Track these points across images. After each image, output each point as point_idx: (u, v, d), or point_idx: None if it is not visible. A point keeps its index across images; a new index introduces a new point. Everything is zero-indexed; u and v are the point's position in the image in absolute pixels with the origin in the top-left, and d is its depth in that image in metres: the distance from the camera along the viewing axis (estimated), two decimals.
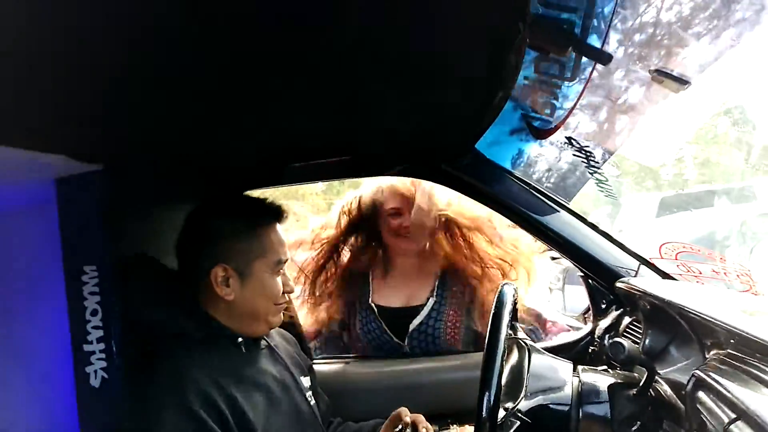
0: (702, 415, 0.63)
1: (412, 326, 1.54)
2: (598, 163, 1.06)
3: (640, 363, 0.83)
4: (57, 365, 1.11)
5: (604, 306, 1.36)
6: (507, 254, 1.49)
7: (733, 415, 0.55)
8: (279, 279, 1.07)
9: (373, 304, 1.58)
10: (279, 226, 1.09)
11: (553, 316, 1.63)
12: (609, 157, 1.05)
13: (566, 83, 0.83)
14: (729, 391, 0.58)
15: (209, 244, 1.05)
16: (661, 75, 0.75)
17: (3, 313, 1.17)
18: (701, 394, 0.66)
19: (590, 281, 1.36)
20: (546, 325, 1.58)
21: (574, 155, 1.07)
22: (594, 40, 0.67)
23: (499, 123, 1.10)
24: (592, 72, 0.80)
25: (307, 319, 1.64)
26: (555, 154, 1.14)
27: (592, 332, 1.37)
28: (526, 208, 1.27)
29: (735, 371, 0.64)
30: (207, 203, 1.11)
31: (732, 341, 0.69)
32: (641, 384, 0.87)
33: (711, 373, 0.66)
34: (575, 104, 0.89)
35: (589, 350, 1.35)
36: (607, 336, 1.30)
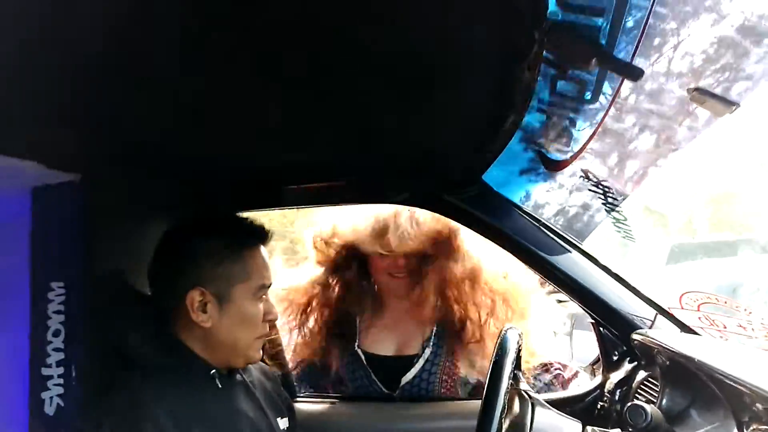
0: None
1: (404, 380, 1.41)
2: (616, 199, 0.97)
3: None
4: (11, 388, 1.02)
5: (616, 358, 1.24)
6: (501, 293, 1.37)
7: None
8: (261, 306, 0.99)
9: (359, 351, 1.44)
10: (263, 249, 1.01)
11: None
12: (630, 195, 0.96)
13: (586, 106, 0.75)
14: None
15: (186, 266, 0.97)
16: (703, 95, 0.66)
17: None
18: None
19: (601, 329, 1.25)
20: (561, 378, 1.44)
21: (590, 191, 0.98)
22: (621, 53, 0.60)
23: (507, 159, 1.03)
24: (616, 93, 0.72)
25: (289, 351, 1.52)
26: (568, 188, 1.06)
27: (601, 386, 1.25)
28: (535, 246, 1.18)
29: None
30: (186, 221, 1.03)
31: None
32: None
33: None
34: (595, 132, 0.81)
35: (598, 406, 1.23)
36: (618, 391, 1.19)
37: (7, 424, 1.03)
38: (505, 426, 0.82)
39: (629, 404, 0.69)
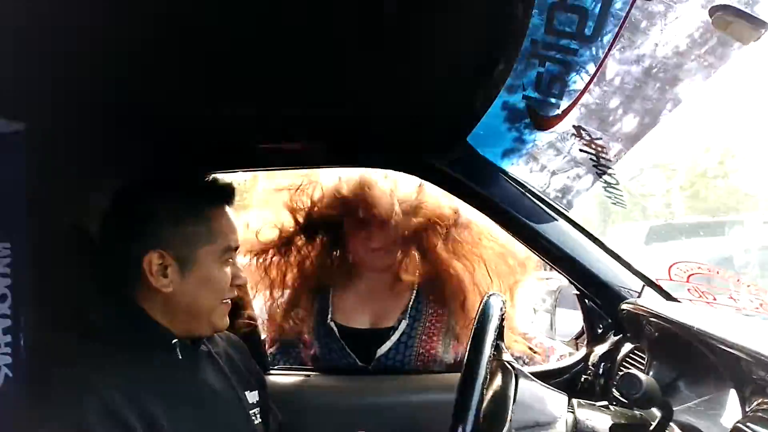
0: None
1: (379, 352, 1.36)
2: (609, 161, 0.91)
3: (659, 404, 0.67)
4: None
5: (600, 330, 1.21)
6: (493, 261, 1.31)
7: None
8: (228, 269, 0.92)
9: (332, 324, 1.38)
10: (228, 209, 0.93)
11: (546, 341, 1.47)
12: (627, 153, 0.90)
13: (584, 47, 0.67)
14: None
15: (144, 227, 0.89)
16: (728, 15, 0.58)
17: None
18: None
19: (587, 301, 1.21)
20: (541, 352, 1.40)
21: (581, 151, 0.92)
22: None
23: (493, 118, 0.96)
24: (621, 28, 0.65)
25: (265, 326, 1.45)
26: (557, 150, 0.99)
27: (585, 359, 1.22)
28: (521, 214, 1.12)
29: None
30: (143, 179, 0.94)
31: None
32: (652, 427, 0.71)
33: (755, 426, 0.50)
34: (592, 79, 0.74)
35: (582, 379, 1.19)
36: (602, 364, 1.15)
37: None
38: (486, 398, 0.77)
39: (622, 373, 0.64)
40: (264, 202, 1.38)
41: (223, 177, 1.01)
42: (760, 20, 0.60)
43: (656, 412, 0.73)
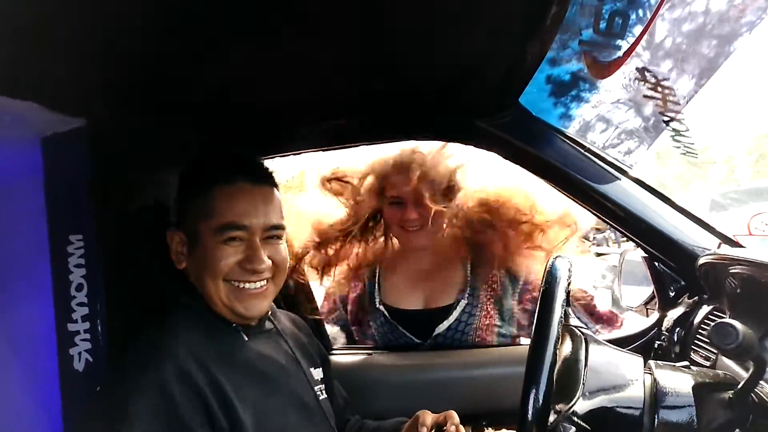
0: None
1: (438, 330, 1.35)
2: (678, 105, 0.84)
3: (754, 357, 0.62)
4: (40, 347, 1.00)
5: (673, 294, 1.14)
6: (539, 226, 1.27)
7: None
8: (227, 248, 0.87)
9: (381, 307, 1.39)
10: (249, 187, 0.90)
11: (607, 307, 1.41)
12: (698, 91, 0.83)
13: None
14: None
15: (168, 208, 0.97)
16: None
17: None
18: None
19: (656, 264, 1.14)
20: (601, 317, 1.35)
21: (646, 96, 0.85)
22: None
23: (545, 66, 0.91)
24: None
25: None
26: (619, 99, 0.93)
27: (658, 324, 1.16)
28: (580, 174, 1.07)
29: None
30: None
31: None
32: (742, 384, 0.66)
33: None
34: (656, 13, 0.68)
35: (655, 345, 1.14)
36: (678, 329, 1.09)
37: (39, 383, 1.02)
38: (557, 368, 0.74)
39: (715, 323, 0.59)
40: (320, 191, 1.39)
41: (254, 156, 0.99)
42: None
43: (742, 372, 0.68)
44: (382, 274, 1.43)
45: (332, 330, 1.49)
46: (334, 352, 1.40)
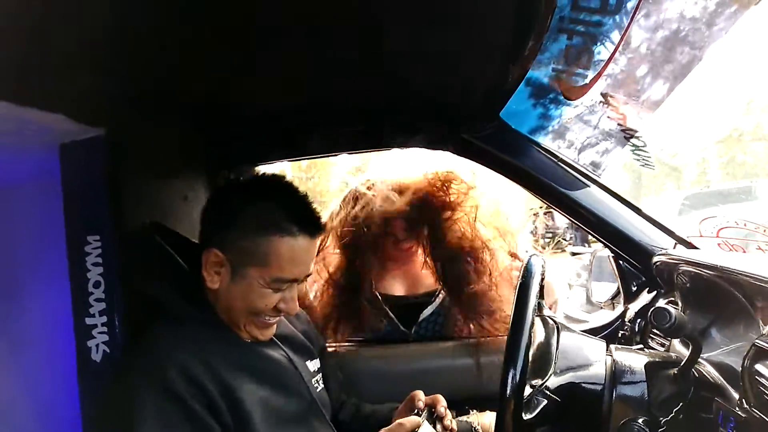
0: (763, 389, 0.55)
1: (422, 316, 1.45)
2: (636, 126, 0.97)
3: (687, 334, 0.75)
4: (59, 339, 1.07)
5: (635, 289, 1.27)
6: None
7: None
8: (274, 295, 0.92)
9: (377, 293, 1.48)
10: (302, 241, 0.91)
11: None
12: (651, 117, 0.95)
13: (609, 19, 0.74)
14: None
15: (215, 226, 0.94)
16: None
17: (5, 286, 1.14)
18: (761, 367, 0.58)
19: (621, 262, 1.27)
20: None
21: (609, 117, 0.98)
22: None
23: (524, 94, 1.03)
24: (639, 3, 0.71)
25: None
26: (586, 118, 1.06)
27: (622, 316, 1.29)
28: (554, 182, 1.19)
29: None
30: (240, 181, 1.02)
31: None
32: (684, 362, 0.78)
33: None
34: (617, 48, 0.80)
35: (619, 335, 1.27)
36: (638, 320, 1.22)
37: (58, 373, 1.08)
38: (531, 351, 0.86)
39: (654, 308, 0.71)
40: None
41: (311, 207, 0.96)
42: None
43: (686, 351, 0.81)
44: (372, 266, 1.49)
45: None
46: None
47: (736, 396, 0.68)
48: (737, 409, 0.65)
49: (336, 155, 1.36)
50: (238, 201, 0.93)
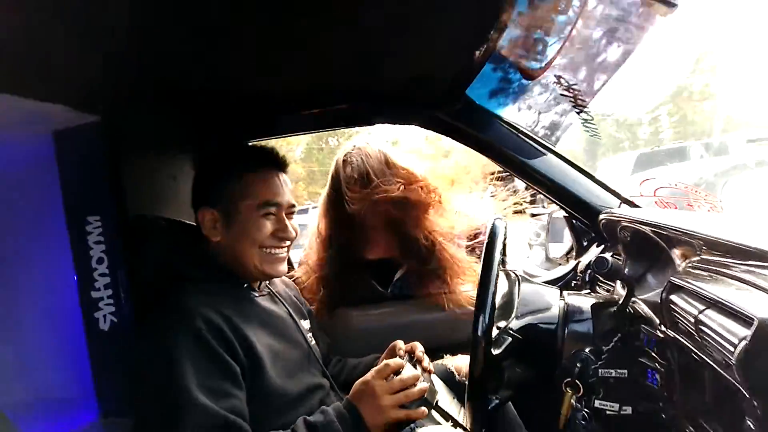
0: (675, 314, 0.71)
1: (396, 276, 1.58)
2: (585, 101, 1.10)
3: (621, 277, 0.91)
4: (66, 312, 1.15)
5: (586, 244, 1.44)
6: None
7: (703, 307, 0.62)
8: (267, 222, 1.08)
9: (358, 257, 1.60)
10: (274, 173, 1.11)
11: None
12: (596, 94, 1.09)
13: (559, 16, 0.86)
14: (699, 288, 0.65)
15: (200, 190, 1.11)
16: None
17: (8, 267, 1.20)
18: (674, 297, 0.74)
19: (574, 221, 1.43)
20: None
21: (562, 95, 1.11)
22: None
23: (488, 74, 1.14)
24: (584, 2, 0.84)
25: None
26: (542, 97, 1.19)
27: (575, 268, 1.46)
28: (515, 152, 1.33)
29: (705, 273, 0.72)
30: (209, 154, 1.14)
31: (703, 248, 0.77)
32: (621, 301, 0.95)
33: (683, 278, 0.73)
34: (567, 38, 0.93)
35: (572, 285, 1.44)
36: (588, 272, 1.39)
37: (68, 344, 1.16)
38: (497, 299, 1.01)
39: (596, 257, 0.87)
40: None
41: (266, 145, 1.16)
42: (671, 2, 0.79)
43: (623, 292, 0.97)
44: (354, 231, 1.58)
45: None
46: None
47: (658, 322, 0.84)
48: (657, 331, 0.82)
49: (317, 132, 1.45)
50: (219, 165, 1.11)
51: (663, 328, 0.79)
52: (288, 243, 1.13)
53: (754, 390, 0.50)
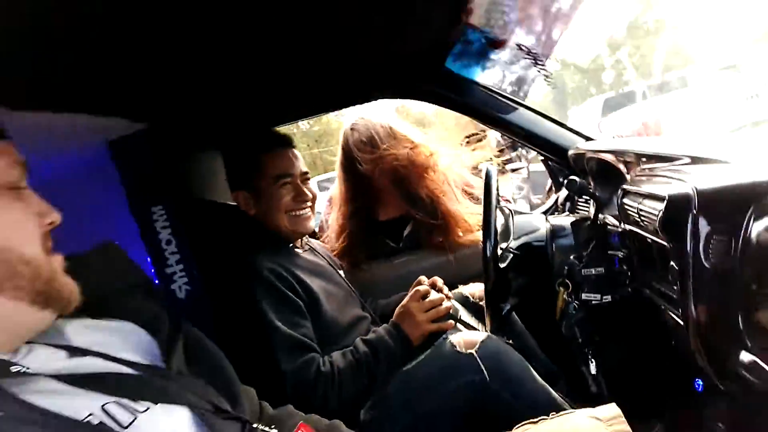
0: (627, 211, 0.98)
1: (405, 232, 1.84)
2: (542, 59, 1.35)
3: (588, 193, 1.19)
4: None
5: (561, 179, 1.71)
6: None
7: (641, 199, 0.89)
8: (283, 190, 1.35)
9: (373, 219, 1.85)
10: (283, 150, 1.37)
11: None
12: (552, 53, 1.34)
13: None
14: (639, 188, 0.92)
15: (231, 174, 1.41)
16: None
17: None
18: (626, 199, 1.00)
19: (550, 162, 1.70)
20: None
21: (524, 58, 1.36)
22: None
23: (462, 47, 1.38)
24: None
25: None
26: (505, 55, 1.43)
27: (555, 202, 1.74)
28: (492, 110, 1.57)
29: (644, 177, 0.99)
30: (231, 144, 1.41)
31: (642, 160, 1.04)
32: (592, 215, 1.22)
33: (630, 184, 1.01)
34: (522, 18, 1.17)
35: (555, 213, 1.72)
36: (567, 203, 1.67)
37: None
38: (499, 227, 1.27)
39: (567, 179, 1.14)
40: None
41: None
42: None
43: (593, 209, 1.25)
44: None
45: None
46: None
47: (618, 222, 1.12)
48: (618, 229, 1.10)
49: (327, 112, 1.69)
50: (239, 152, 1.39)
51: (622, 225, 1.06)
52: (308, 204, 1.39)
53: (670, 240, 0.78)
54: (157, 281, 1.38)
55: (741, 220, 0.66)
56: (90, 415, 0.52)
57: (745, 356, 0.67)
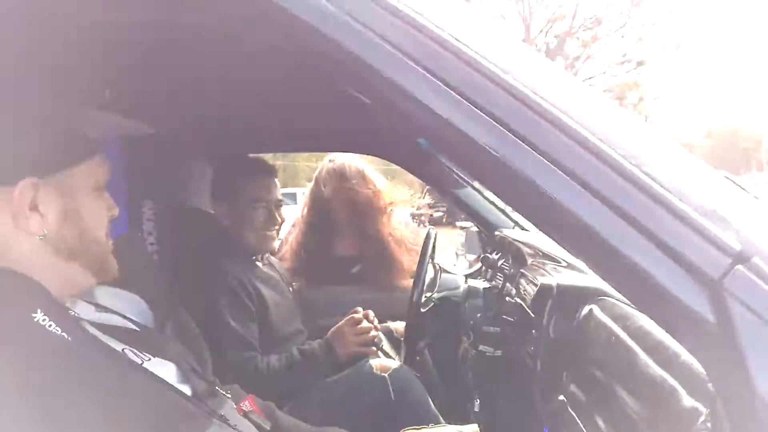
0: (520, 288, 1.31)
1: (353, 270, 2.12)
2: None
3: (498, 268, 1.52)
4: None
5: (489, 250, 2.05)
6: None
7: (527, 281, 1.22)
8: (258, 213, 1.56)
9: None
10: (264, 177, 1.60)
11: None
12: None
13: None
14: (531, 274, 1.26)
15: (216, 189, 1.66)
16: None
17: None
18: (521, 279, 1.33)
19: (483, 235, 2.04)
20: None
21: None
22: None
23: None
24: None
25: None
26: None
27: (480, 267, 2.07)
28: (448, 184, 1.91)
29: (536, 265, 1.33)
30: (220, 164, 1.69)
31: (539, 252, 1.39)
32: (500, 286, 1.55)
33: (528, 269, 1.34)
34: None
35: (478, 277, 2.05)
36: (491, 270, 2.01)
37: None
38: (427, 280, 1.58)
39: (483, 256, 1.47)
40: None
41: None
42: None
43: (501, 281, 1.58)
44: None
45: None
46: None
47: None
48: (513, 299, 1.42)
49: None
50: (226, 172, 1.63)
51: (515, 298, 1.39)
52: (276, 227, 1.64)
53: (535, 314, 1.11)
54: None
55: (575, 308, 0.98)
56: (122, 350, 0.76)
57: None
